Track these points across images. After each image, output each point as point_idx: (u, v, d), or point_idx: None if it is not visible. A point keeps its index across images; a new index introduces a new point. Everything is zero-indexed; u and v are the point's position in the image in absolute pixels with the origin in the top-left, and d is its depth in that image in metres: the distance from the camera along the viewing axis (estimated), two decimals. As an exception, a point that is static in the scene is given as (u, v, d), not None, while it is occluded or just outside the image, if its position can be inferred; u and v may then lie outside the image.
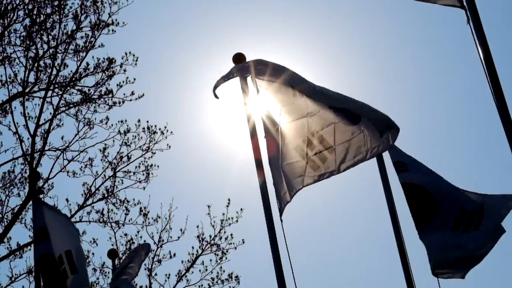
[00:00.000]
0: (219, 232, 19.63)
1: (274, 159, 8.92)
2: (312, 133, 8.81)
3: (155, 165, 20.08)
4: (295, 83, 8.94)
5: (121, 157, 19.86)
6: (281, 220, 8.62)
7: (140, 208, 19.58)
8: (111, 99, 19.96)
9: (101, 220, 19.39)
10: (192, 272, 19.43)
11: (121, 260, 11.50)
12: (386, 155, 9.95)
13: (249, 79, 9.30)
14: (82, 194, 19.53)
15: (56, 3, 20.03)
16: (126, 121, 20.04)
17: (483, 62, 7.63)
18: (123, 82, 20.06)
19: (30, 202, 16.93)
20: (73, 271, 10.22)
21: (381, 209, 9.74)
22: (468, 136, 26.78)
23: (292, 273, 8.24)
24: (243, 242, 19.69)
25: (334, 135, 8.71)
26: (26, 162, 19.52)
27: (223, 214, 19.74)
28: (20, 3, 19.96)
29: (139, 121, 20.07)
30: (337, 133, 8.68)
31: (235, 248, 19.60)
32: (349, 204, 26.41)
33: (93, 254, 19.15)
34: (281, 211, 8.68)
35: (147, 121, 20.09)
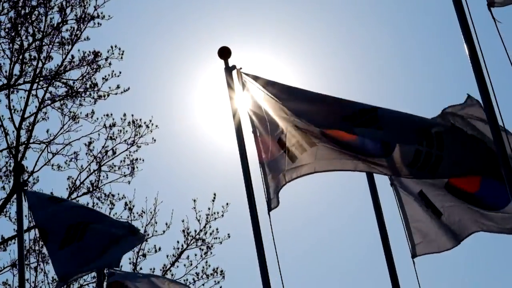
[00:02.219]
0: (205, 226, 19.64)
1: (261, 156, 8.89)
2: (293, 127, 8.77)
3: (140, 159, 20.04)
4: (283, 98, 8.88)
5: (106, 151, 19.80)
6: (269, 215, 8.60)
7: (125, 202, 19.55)
8: (97, 93, 19.93)
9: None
10: (177, 267, 19.43)
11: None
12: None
13: (234, 73, 9.29)
14: (66, 188, 19.48)
15: (41, -5, 19.96)
16: (111, 115, 20.01)
17: (468, 54, 7.66)
18: (109, 75, 20.02)
19: (15, 196, 16.86)
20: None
21: (366, 202, 9.74)
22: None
23: (279, 268, 8.27)
24: (229, 237, 19.70)
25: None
26: (11, 155, 19.45)
27: (209, 208, 19.74)
28: (5, -5, 19.89)
29: (124, 115, 20.04)
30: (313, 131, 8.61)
31: (221, 242, 19.61)
32: (334, 198, 26.43)
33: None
34: (269, 206, 8.66)
35: (132, 115, 20.07)
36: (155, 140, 20.04)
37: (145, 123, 20.02)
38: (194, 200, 19.73)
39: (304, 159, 8.71)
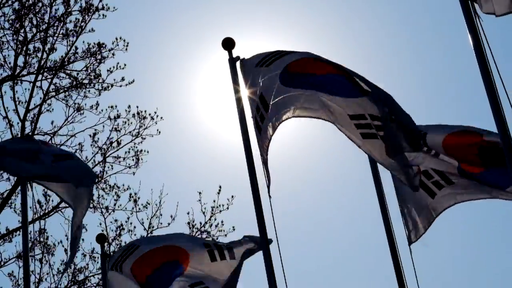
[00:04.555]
0: (210, 219, 19.62)
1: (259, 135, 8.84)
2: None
3: (145, 151, 20.04)
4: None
5: (111, 143, 19.80)
6: (269, 196, 8.59)
7: (130, 193, 19.53)
8: (101, 84, 19.92)
9: (91, 205, 19.29)
10: (182, 259, 19.40)
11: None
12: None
13: (238, 64, 9.27)
14: (71, 179, 19.43)
15: (46, -14, 19.94)
16: (116, 106, 20.00)
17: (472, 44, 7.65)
18: (114, 67, 20.01)
19: (19, 187, 16.88)
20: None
21: (369, 191, 9.74)
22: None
23: (281, 260, 8.27)
24: (234, 230, 19.70)
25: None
26: (16, 147, 19.44)
27: (214, 201, 19.71)
28: (10, -14, 19.87)
29: (129, 106, 20.02)
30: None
31: (226, 235, 19.60)
32: (337, 187, 26.43)
33: (82, 239, 19.09)
34: (268, 187, 8.64)
35: (137, 106, 20.06)
36: (159, 132, 20.05)
37: (149, 114, 20.03)
38: (200, 193, 19.73)
39: None
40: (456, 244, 24.98)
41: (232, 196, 19.72)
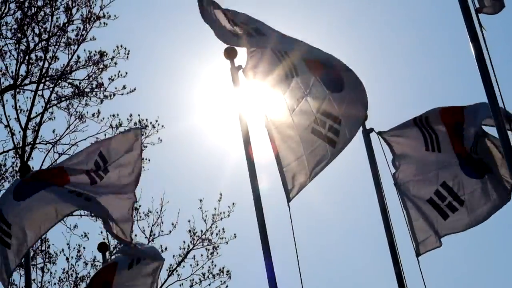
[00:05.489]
0: (211, 226, 19.65)
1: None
2: (317, 110, 8.81)
3: (146, 159, 20.05)
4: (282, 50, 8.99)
5: (113, 151, 19.76)
6: (289, 206, 8.62)
7: (132, 202, 19.49)
8: (103, 93, 19.95)
9: (91, 214, 19.31)
10: (183, 267, 19.45)
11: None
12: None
13: (240, 72, 9.27)
14: (73, 188, 19.42)
15: (47, -4, 20.00)
16: (118, 115, 20.03)
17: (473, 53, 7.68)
18: (115, 75, 20.05)
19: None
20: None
21: (370, 191, 9.77)
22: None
23: (297, 260, 8.35)
24: (235, 237, 19.71)
25: (334, 106, 8.76)
26: (17, 155, 19.48)
27: (215, 208, 19.76)
28: (12, -4, 19.93)
29: (130, 115, 20.06)
30: (335, 104, 8.71)
31: (227, 242, 19.62)
32: (339, 196, 26.41)
33: (84, 248, 19.13)
34: (288, 197, 8.68)
35: (139, 115, 20.09)
36: (161, 140, 20.08)
37: (151, 123, 20.06)
38: (201, 200, 19.77)
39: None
40: (460, 248, 24.96)
41: (233, 204, 19.78)
